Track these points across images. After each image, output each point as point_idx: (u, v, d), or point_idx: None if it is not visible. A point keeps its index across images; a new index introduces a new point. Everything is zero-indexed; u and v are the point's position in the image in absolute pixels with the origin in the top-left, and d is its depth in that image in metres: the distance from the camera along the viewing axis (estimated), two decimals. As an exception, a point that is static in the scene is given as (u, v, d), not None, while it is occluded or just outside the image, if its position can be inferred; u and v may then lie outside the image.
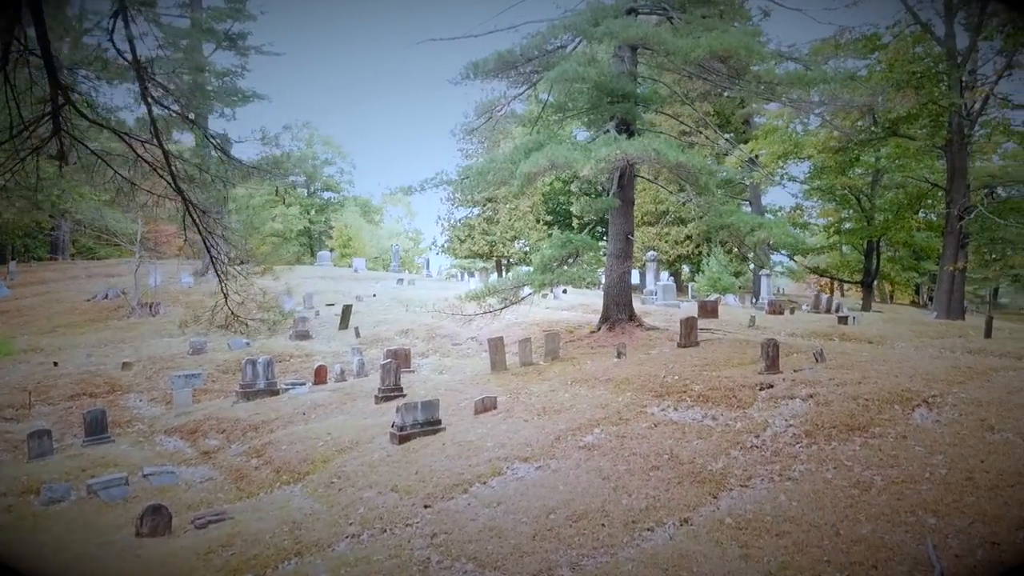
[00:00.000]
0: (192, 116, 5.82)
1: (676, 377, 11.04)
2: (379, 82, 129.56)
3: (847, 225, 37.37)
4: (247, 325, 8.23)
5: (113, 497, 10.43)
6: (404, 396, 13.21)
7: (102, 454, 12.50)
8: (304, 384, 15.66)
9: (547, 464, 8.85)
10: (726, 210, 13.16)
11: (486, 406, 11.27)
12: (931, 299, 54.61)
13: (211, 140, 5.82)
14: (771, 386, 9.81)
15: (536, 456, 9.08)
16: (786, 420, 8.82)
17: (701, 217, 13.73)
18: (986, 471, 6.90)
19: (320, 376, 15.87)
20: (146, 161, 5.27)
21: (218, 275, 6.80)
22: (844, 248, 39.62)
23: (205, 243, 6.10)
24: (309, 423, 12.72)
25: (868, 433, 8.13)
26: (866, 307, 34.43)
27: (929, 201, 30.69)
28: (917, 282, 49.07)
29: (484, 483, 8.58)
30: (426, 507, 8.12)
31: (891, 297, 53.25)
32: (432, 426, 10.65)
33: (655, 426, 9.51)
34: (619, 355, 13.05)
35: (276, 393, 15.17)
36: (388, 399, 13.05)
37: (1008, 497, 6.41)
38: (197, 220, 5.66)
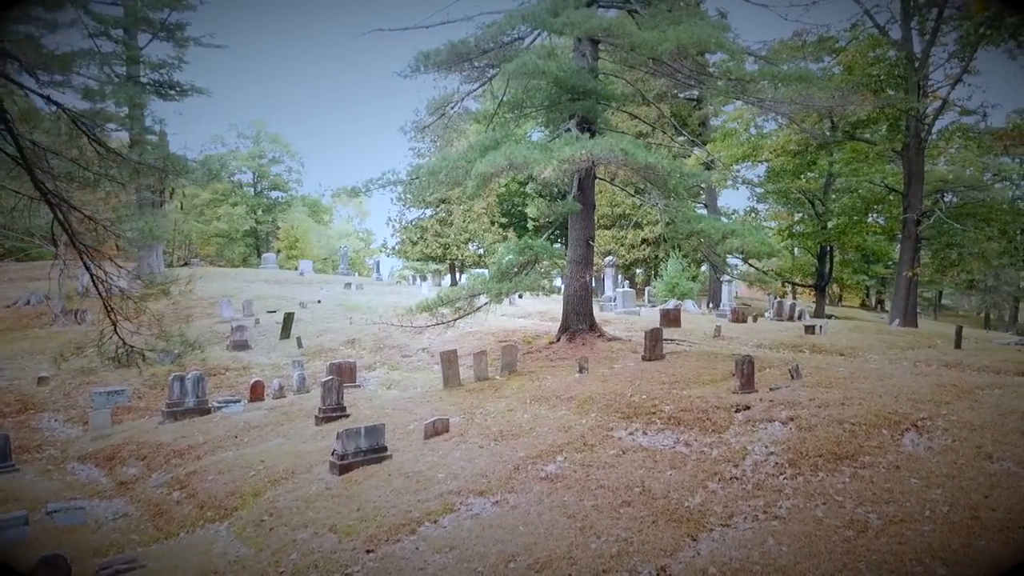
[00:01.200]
0: (53, 97, 4.71)
1: (644, 396, 10.22)
2: (328, 76, 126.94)
3: (798, 228, 37.48)
4: (143, 357, 7.05)
5: (8, 541, 9.07)
6: (347, 416, 12.11)
7: (2, 486, 11.08)
8: (238, 401, 14.36)
9: (505, 499, 7.92)
10: (695, 216, 12.43)
11: (437, 429, 10.28)
12: (880, 302, 55.76)
13: (80, 126, 4.69)
14: (747, 407, 9.06)
15: (493, 489, 8.14)
16: (766, 447, 8.06)
17: (668, 223, 12.95)
18: (992, 509, 6.23)
19: (256, 393, 14.58)
20: (7, 153, 4.14)
21: (102, 297, 5.66)
22: (795, 251, 39.77)
23: (82, 258, 4.97)
24: (241, 448, 11.51)
25: (857, 462, 7.41)
26: (819, 310, 34.49)
27: (884, 205, 30.79)
28: (867, 285, 49.83)
29: (434, 522, 7.62)
30: (368, 552, 7.15)
31: (839, 299, 54.04)
32: (377, 453, 9.62)
33: (623, 453, 8.67)
34: (581, 370, 12.19)
35: (207, 412, 13.86)
36: (329, 420, 11.93)
37: (1021, 541, 5.74)
38: (68, 228, 4.54)
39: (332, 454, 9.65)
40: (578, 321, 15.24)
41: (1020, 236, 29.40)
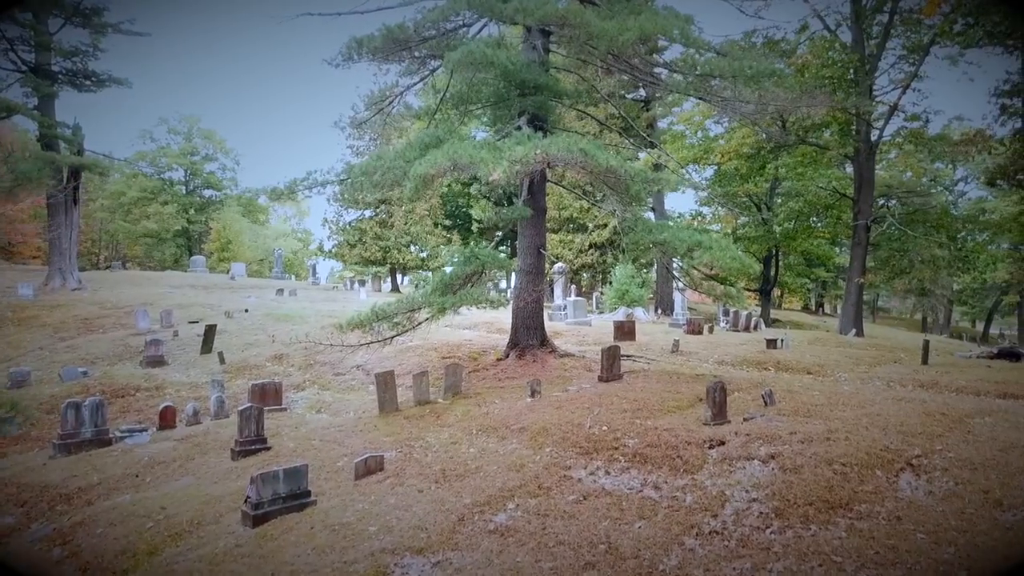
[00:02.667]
0: None
1: (604, 427, 9.13)
2: (264, 66, 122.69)
3: (742, 231, 37.30)
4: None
5: None
6: (268, 449, 10.66)
7: None
8: (145, 430, 12.67)
9: (448, 559, 6.68)
10: (656, 225, 11.44)
11: (370, 468, 8.97)
12: (820, 305, 56.58)
13: None
14: (722, 442, 8.07)
15: (433, 546, 6.89)
16: (747, 492, 7.05)
17: (628, 232, 11.89)
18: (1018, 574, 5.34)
19: (166, 419, 12.88)
20: None
21: None
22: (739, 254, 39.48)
23: None
24: (141, 490, 9.94)
25: (853, 512, 6.46)
26: (764, 314, 34.36)
27: (832, 210, 30.69)
28: (809, 288, 50.39)
29: (363, 590, 6.36)
30: (280, 635, 5.86)
31: (780, 303, 54.59)
32: (298, 500, 8.25)
33: (584, 498, 7.54)
34: (533, 393, 11.04)
35: (108, 443, 12.12)
36: (247, 454, 10.46)
37: (1061, 619, 4.85)
38: None
39: (245, 501, 8.24)
40: (528, 336, 14.10)
41: (968, 243, 29.75)
